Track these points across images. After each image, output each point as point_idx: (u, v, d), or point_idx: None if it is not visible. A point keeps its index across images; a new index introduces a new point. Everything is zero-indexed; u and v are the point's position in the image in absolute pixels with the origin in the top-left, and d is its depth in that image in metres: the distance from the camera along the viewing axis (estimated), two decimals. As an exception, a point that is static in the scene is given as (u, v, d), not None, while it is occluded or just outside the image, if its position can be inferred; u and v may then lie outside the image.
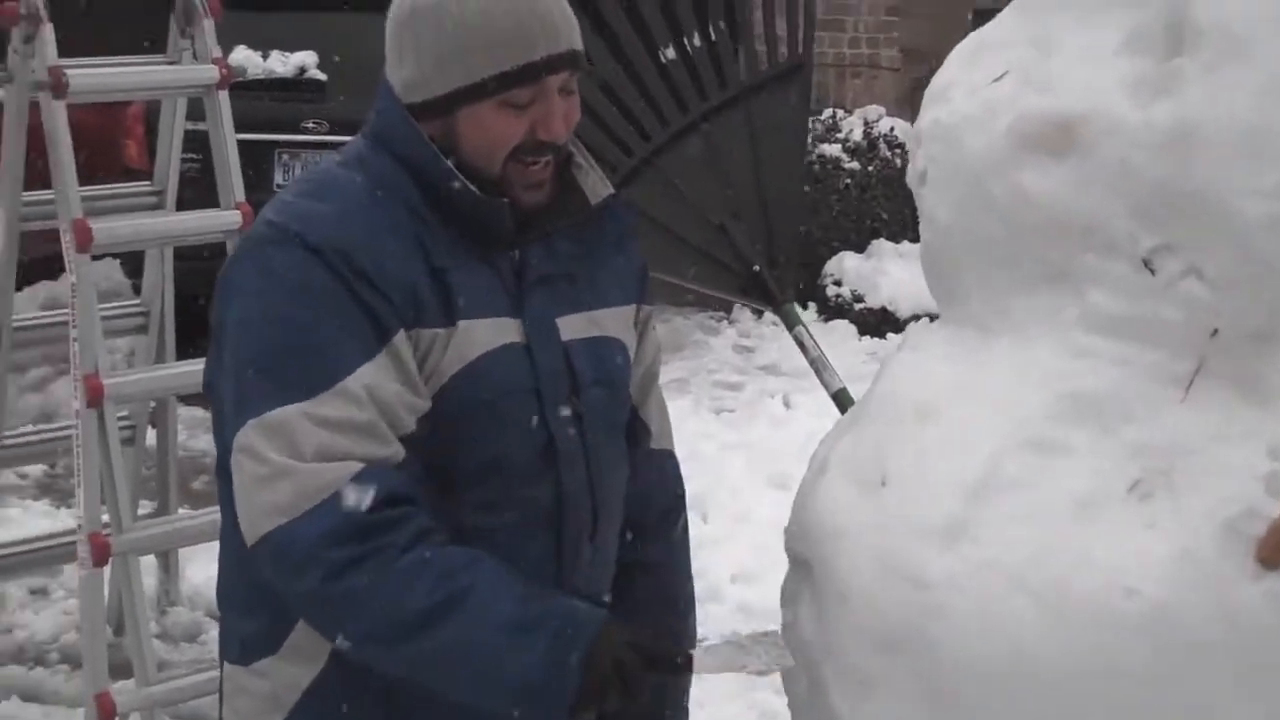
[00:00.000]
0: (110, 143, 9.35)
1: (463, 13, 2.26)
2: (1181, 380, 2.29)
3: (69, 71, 4.41)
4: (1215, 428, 2.26)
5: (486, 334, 2.29)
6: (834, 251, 10.03)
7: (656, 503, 2.62)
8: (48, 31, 4.42)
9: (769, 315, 10.20)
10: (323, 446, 2.16)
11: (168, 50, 4.90)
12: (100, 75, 4.63)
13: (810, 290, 10.14)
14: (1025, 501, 2.23)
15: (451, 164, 2.29)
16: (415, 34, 2.30)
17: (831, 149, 10.15)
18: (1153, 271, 2.27)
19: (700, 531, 6.22)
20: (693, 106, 3.06)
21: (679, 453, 2.62)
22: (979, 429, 2.29)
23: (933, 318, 2.64)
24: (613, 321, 2.47)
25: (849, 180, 10.01)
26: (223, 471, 2.35)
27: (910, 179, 2.59)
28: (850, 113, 10.60)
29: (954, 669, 2.21)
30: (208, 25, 4.75)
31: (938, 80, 2.55)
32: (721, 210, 2.97)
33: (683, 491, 2.69)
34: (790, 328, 2.87)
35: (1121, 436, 2.26)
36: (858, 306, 9.64)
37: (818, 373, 2.74)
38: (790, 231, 2.99)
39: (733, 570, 5.78)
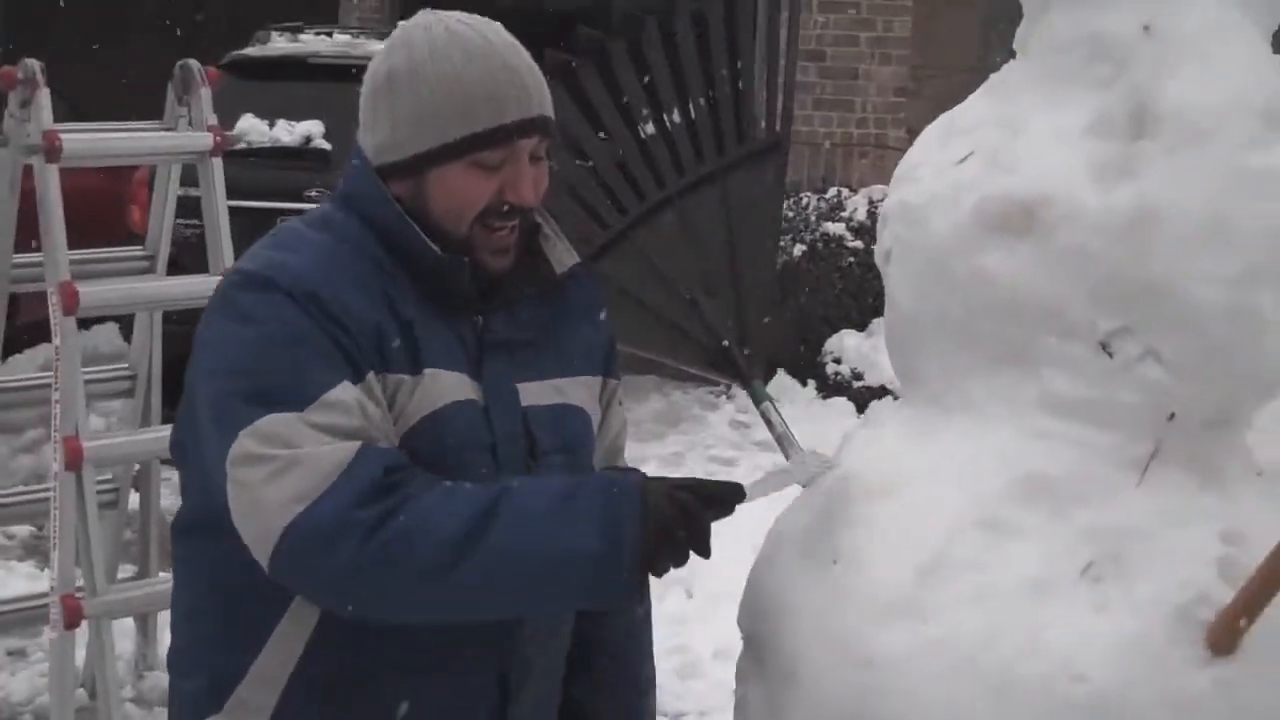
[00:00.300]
0: (116, 207, 9.43)
1: (438, 76, 2.30)
2: (1137, 464, 2.29)
3: (63, 136, 4.45)
4: (1169, 512, 2.25)
5: (450, 385, 2.30)
6: (835, 329, 10.04)
7: None
8: (43, 96, 4.47)
9: (768, 391, 10.23)
10: (321, 441, 2.15)
11: (164, 117, 4.94)
12: (94, 140, 4.68)
13: (810, 367, 10.16)
14: (976, 582, 2.22)
15: (416, 228, 2.31)
16: (390, 98, 2.34)
17: (835, 227, 10.19)
18: (1110, 354, 2.27)
19: (684, 607, 6.21)
20: (669, 182, 3.06)
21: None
22: (933, 508, 2.28)
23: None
24: (576, 390, 2.47)
25: (852, 259, 10.04)
26: (184, 529, 2.38)
27: (877, 258, 2.59)
28: (855, 192, 10.65)
29: (900, 750, 2.19)
30: (204, 93, 4.80)
31: (906, 160, 2.56)
32: (693, 285, 2.97)
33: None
34: (757, 404, 2.86)
35: (1075, 519, 2.25)
36: (856, 384, 9.64)
37: (783, 449, 2.72)
38: (761, 308, 2.98)
39: (715, 646, 5.75)
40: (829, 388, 9.87)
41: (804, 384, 10.17)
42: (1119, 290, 2.25)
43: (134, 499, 5.44)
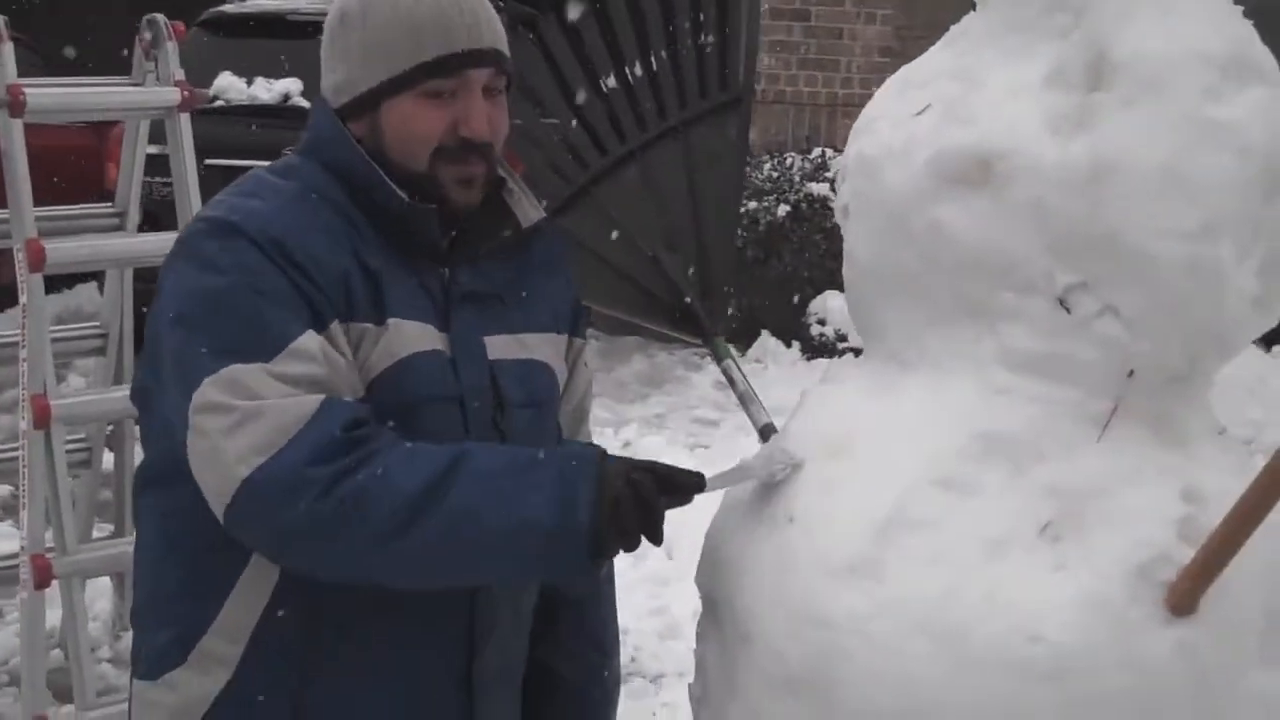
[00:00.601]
0: (95, 165, 9.37)
1: (389, 9, 2.32)
2: (1097, 420, 2.25)
3: (27, 90, 4.39)
4: (1129, 470, 2.22)
5: (415, 334, 2.29)
6: (819, 290, 10.01)
7: None
8: (7, 51, 4.40)
9: (753, 353, 10.23)
10: (285, 393, 2.14)
11: (132, 72, 4.88)
12: (59, 95, 4.62)
13: (794, 329, 10.14)
14: (933, 541, 2.18)
15: (381, 172, 2.31)
16: (344, 37, 2.35)
17: (819, 188, 10.15)
18: (1068, 310, 2.24)
19: (665, 568, 6.19)
20: (631, 136, 3.02)
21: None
22: (890, 466, 2.25)
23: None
24: (541, 346, 2.47)
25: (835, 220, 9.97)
26: (147, 480, 2.37)
27: (836, 213, 2.55)
28: (840, 152, 10.57)
29: (853, 712, 2.16)
30: (171, 48, 4.73)
31: (865, 113, 2.52)
32: (655, 241, 2.94)
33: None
34: (719, 360, 2.83)
35: (1034, 477, 2.22)
36: (841, 345, 9.61)
37: (745, 407, 2.69)
38: (724, 265, 2.94)
39: (696, 608, 5.71)
40: (813, 349, 9.85)
41: (788, 345, 10.15)
42: (1076, 244, 2.21)
43: (109, 458, 5.39)
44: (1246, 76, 2.24)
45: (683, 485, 2.18)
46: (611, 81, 3.07)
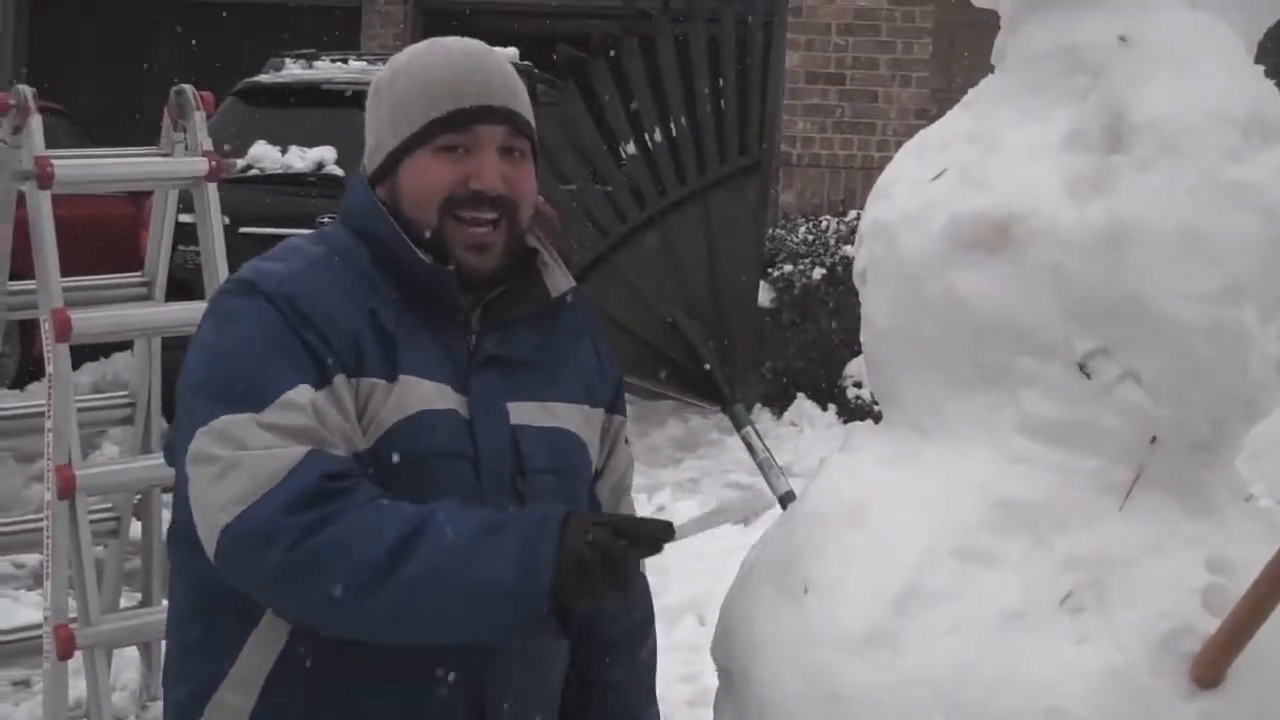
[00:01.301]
0: (134, 234, 9.43)
1: (410, 76, 2.41)
2: (1119, 489, 2.21)
3: (56, 162, 4.41)
4: (1152, 539, 2.18)
5: (427, 393, 2.31)
6: (855, 353, 9.96)
7: (621, 621, 2.57)
8: (35, 122, 4.43)
9: (788, 416, 10.19)
10: (270, 444, 2.19)
11: (160, 142, 4.90)
12: (87, 166, 4.65)
13: (830, 392, 10.09)
14: (952, 613, 2.14)
15: (404, 235, 2.35)
16: (376, 107, 2.44)
17: (855, 251, 10.10)
18: (1089, 376, 2.20)
19: (696, 634, 6.11)
20: (650, 202, 3.01)
21: (682, 553, 2.54)
22: (908, 536, 2.21)
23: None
24: (570, 415, 2.46)
25: (865, 283, 9.95)
26: (174, 536, 2.39)
27: (855, 277, 2.52)
28: (875, 215, 10.56)
29: (869, 787, 2.11)
30: (199, 117, 4.75)
31: (883, 177, 2.50)
32: (675, 307, 2.92)
33: (652, 614, 2.66)
34: (739, 428, 2.81)
35: (1054, 547, 2.18)
36: (877, 408, 9.54)
37: (764, 474, 2.67)
38: (743, 330, 2.92)
39: (724, 676, 5.66)
40: (850, 412, 9.79)
41: (824, 409, 10.10)
42: (1095, 309, 2.17)
43: (137, 527, 5.38)
44: (1268, 137, 2.21)
45: (650, 536, 2.15)
46: (631, 148, 3.06)
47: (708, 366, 2.88)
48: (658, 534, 2.15)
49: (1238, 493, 2.34)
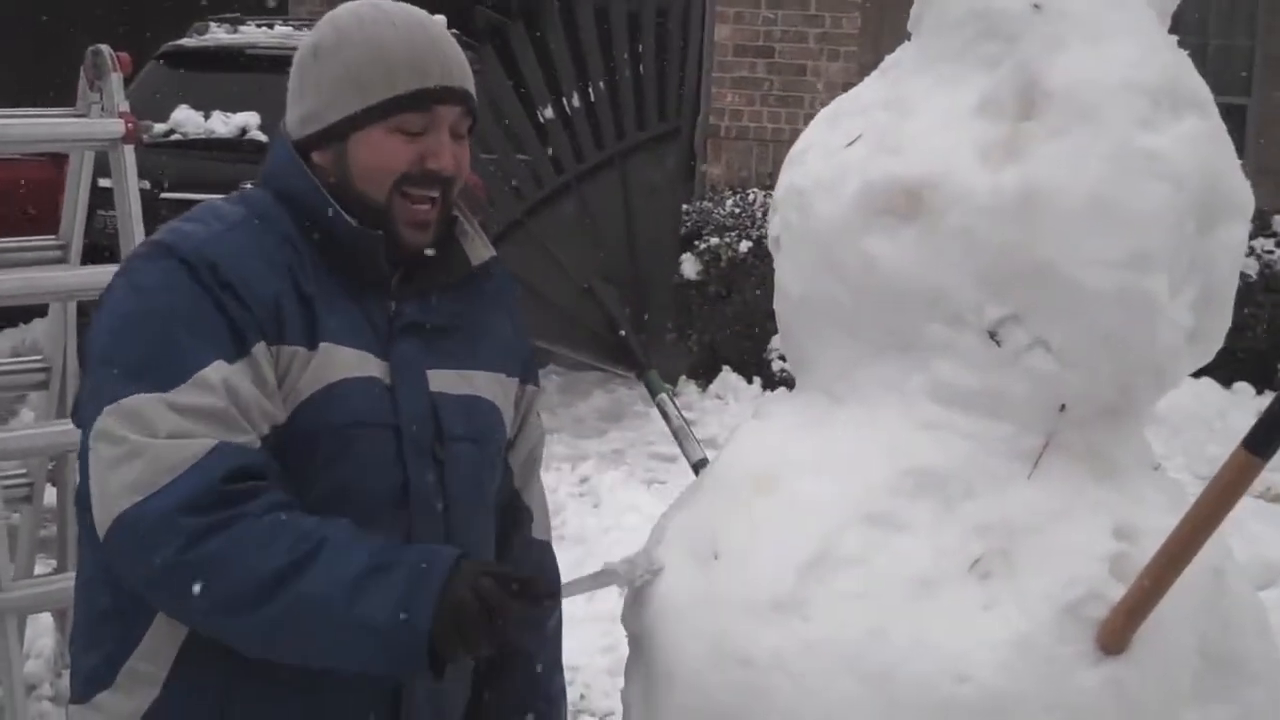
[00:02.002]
0: (53, 198, 9.30)
1: (363, 43, 2.34)
2: (1029, 456, 2.22)
3: (-36, 120, 4.33)
4: (1061, 505, 2.19)
5: (349, 361, 2.29)
6: (780, 327, 9.97)
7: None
8: (-52, 80, 4.35)
9: (714, 389, 10.20)
10: (178, 429, 2.15)
11: (76, 104, 4.82)
12: (1, 126, 4.55)
13: (756, 365, 10.10)
14: (861, 578, 2.14)
15: (329, 197, 2.31)
16: (315, 69, 2.36)
17: (780, 224, 10.11)
18: (999, 343, 2.20)
19: (616, 605, 6.08)
20: (568, 167, 2.99)
21: (605, 521, 2.53)
22: (817, 502, 2.21)
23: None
24: (488, 384, 2.45)
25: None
26: (80, 500, 2.33)
27: (769, 244, 2.52)
28: (802, 188, 10.56)
29: (777, 753, 2.11)
30: (115, 79, 4.66)
31: (798, 144, 2.49)
32: (591, 273, 2.90)
33: (559, 583, 2.63)
34: (654, 395, 2.79)
35: (964, 513, 2.18)
36: (800, 380, 9.56)
37: (679, 442, 2.66)
38: (660, 297, 2.91)
39: (645, 645, 5.67)
40: (775, 384, 9.80)
41: (750, 381, 10.12)
42: (1006, 275, 2.17)
43: (52, 493, 5.31)
44: (1180, 106, 2.21)
45: (536, 592, 2.17)
46: (549, 112, 3.04)
47: (623, 333, 2.86)
48: (542, 591, 2.18)
49: (1146, 461, 2.34)
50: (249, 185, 2.40)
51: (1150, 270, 2.14)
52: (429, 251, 2.39)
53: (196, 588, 2.11)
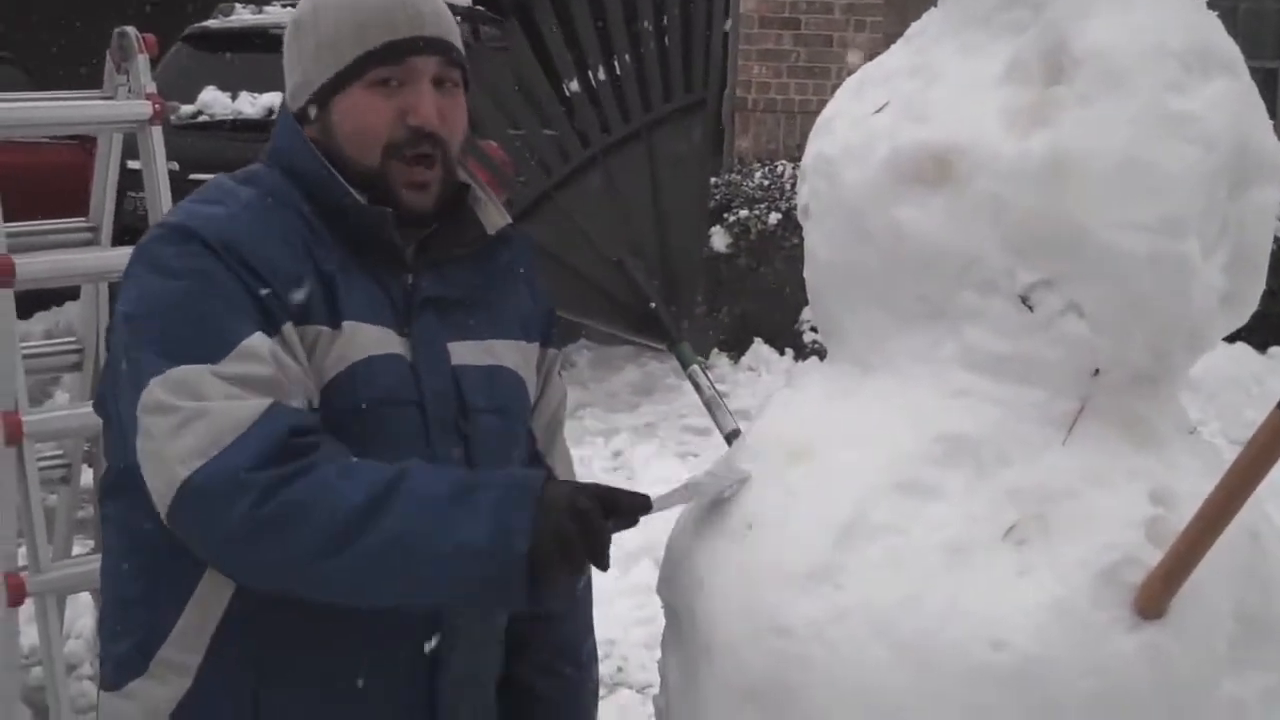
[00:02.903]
0: (83, 182, 9.34)
1: (337, 8, 2.33)
2: (1063, 421, 2.21)
3: (-3, 104, 4.35)
4: (1096, 471, 2.18)
5: (371, 338, 2.27)
6: (811, 297, 9.96)
7: None
8: (-24, 64, 4.37)
9: (745, 361, 10.19)
10: (230, 394, 2.12)
11: (103, 86, 4.83)
12: (25, 109, 4.58)
13: (787, 336, 10.10)
14: (894, 547, 2.14)
15: (336, 174, 2.30)
16: (298, 41, 2.37)
17: (811, 195, 10.09)
18: (1031, 308, 2.19)
19: (652, 577, 6.11)
20: (594, 140, 2.99)
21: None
22: (850, 471, 2.20)
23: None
24: (509, 353, 2.44)
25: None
26: (107, 489, 2.35)
27: (798, 213, 2.51)
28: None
29: (814, 721, 2.11)
30: (142, 61, 4.67)
31: (825, 113, 2.48)
32: (619, 246, 2.90)
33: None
34: (685, 367, 2.79)
35: (998, 480, 2.17)
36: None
37: (711, 413, 2.66)
38: (688, 269, 2.91)
39: (681, 618, 5.67)
40: (806, 355, 9.79)
41: (781, 353, 10.12)
42: (1037, 241, 2.16)
43: (88, 474, 5.34)
44: (1210, 68, 2.20)
45: (628, 507, 2.14)
46: (575, 85, 3.04)
47: (653, 305, 2.86)
48: (634, 506, 2.14)
49: (1181, 425, 2.34)
50: (256, 164, 2.39)
51: (1182, 234, 2.13)
52: (436, 222, 2.38)
53: (277, 539, 2.07)
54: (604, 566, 2.11)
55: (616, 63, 3.02)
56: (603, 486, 2.16)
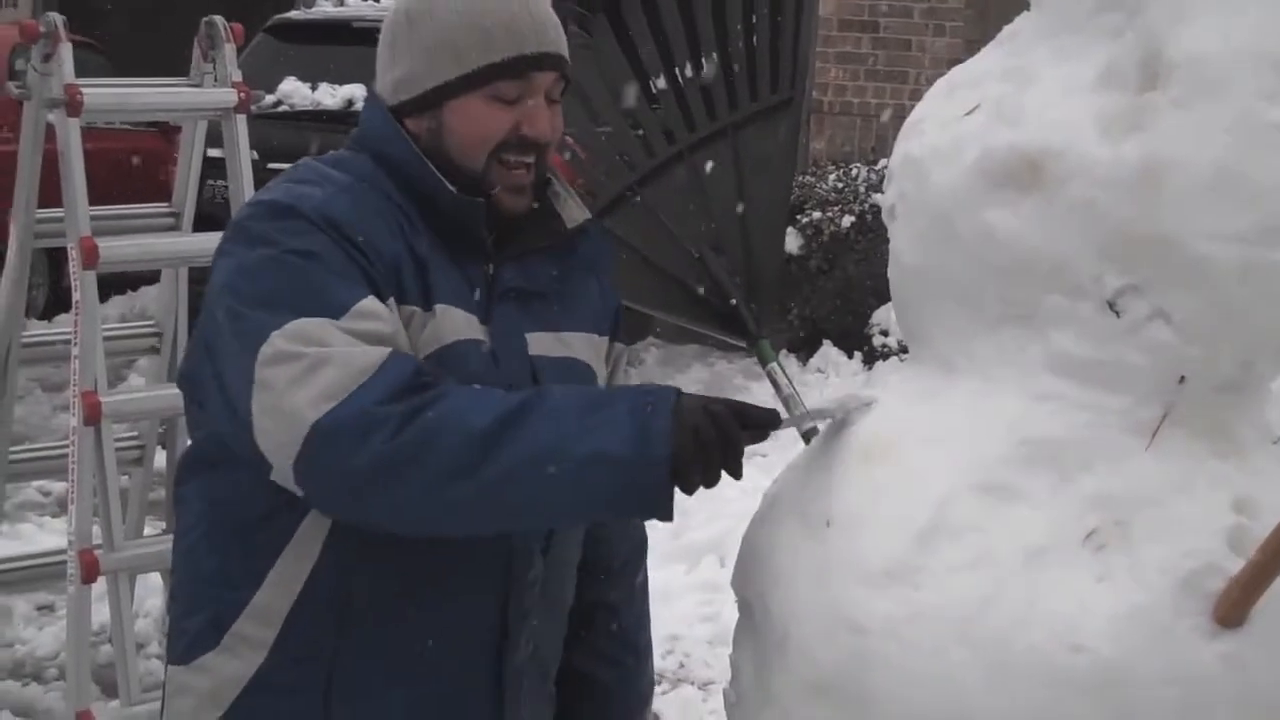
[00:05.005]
0: (163, 168, 9.45)
1: (457, 9, 2.32)
2: (1146, 428, 2.20)
3: (85, 90, 4.41)
4: (1179, 478, 2.17)
5: (459, 323, 2.30)
6: (883, 301, 9.94)
7: (619, 549, 2.63)
8: (65, 50, 4.44)
9: (815, 362, 10.18)
10: (352, 344, 2.14)
11: (190, 74, 4.90)
12: (115, 94, 4.66)
13: (857, 339, 10.08)
14: (974, 548, 2.14)
15: (431, 165, 2.31)
16: (409, 34, 2.34)
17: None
18: (1118, 314, 2.18)
19: (717, 575, 6.14)
20: (680, 137, 3.00)
21: (705, 492, 2.55)
22: (932, 471, 2.20)
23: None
24: (583, 346, 2.46)
25: (896, 227, 9.92)
26: (188, 466, 2.38)
27: (884, 215, 2.51)
28: (907, 164, 10.51)
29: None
30: (229, 49, 4.75)
31: (914, 115, 2.48)
32: (702, 243, 2.91)
33: (645, 539, 2.69)
34: (764, 364, 2.80)
35: (1079, 485, 2.16)
36: (904, 356, 9.52)
37: (789, 410, 2.66)
38: (771, 268, 2.92)
39: (744, 616, 5.68)
40: (875, 359, 9.79)
41: (850, 355, 10.11)
42: (1127, 247, 2.15)
43: (162, 456, 5.41)
44: (1308, 78, 2.18)
45: (759, 420, 2.16)
46: (661, 83, 3.05)
47: (734, 302, 2.87)
48: (764, 419, 2.16)
49: (1265, 435, 2.32)
50: (343, 150, 2.39)
51: (1276, 243, 2.12)
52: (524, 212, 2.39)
53: (413, 467, 2.08)
54: (737, 475, 2.14)
55: (704, 60, 3.03)
56: (732, 400, 2.18)
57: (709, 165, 2.99)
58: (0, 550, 5.15)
